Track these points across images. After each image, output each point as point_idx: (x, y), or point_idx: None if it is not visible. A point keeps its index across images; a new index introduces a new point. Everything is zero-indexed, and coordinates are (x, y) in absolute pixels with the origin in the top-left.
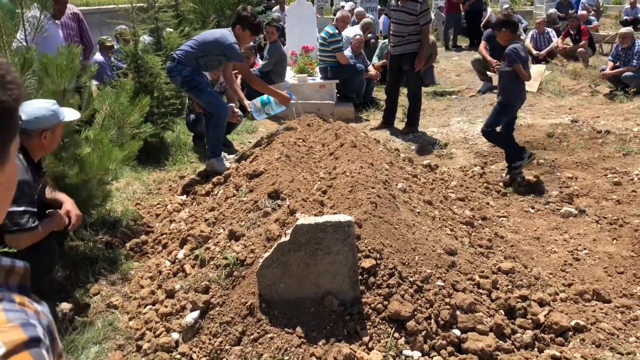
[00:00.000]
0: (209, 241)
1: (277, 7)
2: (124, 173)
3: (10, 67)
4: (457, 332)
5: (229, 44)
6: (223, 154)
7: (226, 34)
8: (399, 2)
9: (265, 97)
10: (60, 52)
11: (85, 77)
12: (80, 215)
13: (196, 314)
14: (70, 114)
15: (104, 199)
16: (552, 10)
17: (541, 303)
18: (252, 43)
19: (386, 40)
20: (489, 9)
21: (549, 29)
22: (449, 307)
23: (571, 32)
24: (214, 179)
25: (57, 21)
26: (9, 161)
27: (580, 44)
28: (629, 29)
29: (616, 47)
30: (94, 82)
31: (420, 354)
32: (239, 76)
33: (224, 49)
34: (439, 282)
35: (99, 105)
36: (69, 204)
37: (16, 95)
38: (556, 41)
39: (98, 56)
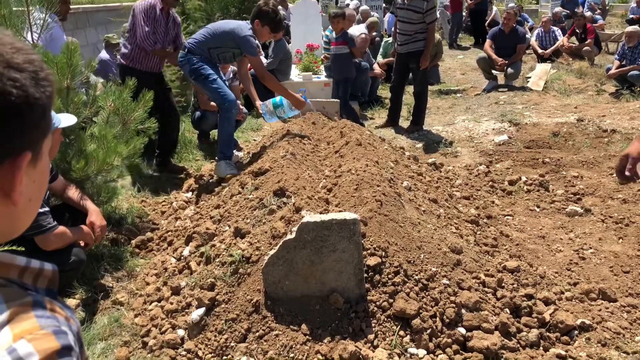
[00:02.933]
0: (215, 238)
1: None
2: (130, 170)
3: (43, 64)
4: (462, 330)
5: (244, 35)
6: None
7: (243, 25)
8: (406, 0)
9: (278, 99)
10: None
11: (87, 72)
12: (105, 226)
13: (202, 310)
14: (67, 120)
15: (110, 197)
16: (558, 9)
17: (547, 302)
18: (258, 42)
19: (389, 38)
20: (494, 8)
21: (555, 28)
22: (454, 305)
23: (577, 30)
24: None
25: (60, 22)
26: (41, 159)
27: (586, 42)
28: (635, 27)
29: (622, 45)
30: (100, 80)
31: (425, 352)
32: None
33: (238, 40)
34: (445, 281)
35: (103, 102)
36: (94, 214)
37: (49, 93)
38: (562, 40)
39: (104, 54)
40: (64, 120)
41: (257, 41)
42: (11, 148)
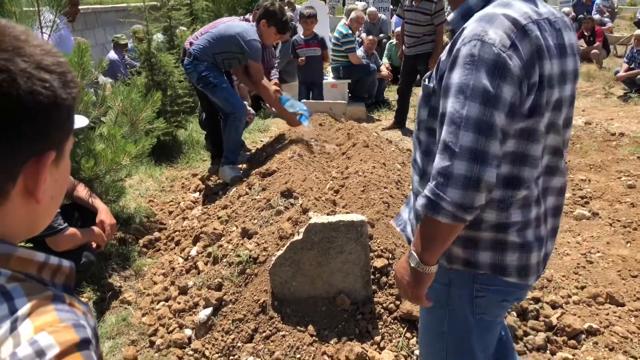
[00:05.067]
0: (222, 239)
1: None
2: (137, 170)
3: (69, 67)
4: None
5: (249, 40)
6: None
7: (248, 29)
8: (414, 3)
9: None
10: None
11: (97, 72)
12: (115, 224)
13: (209, 310)
14: (79, 121)
15: (118, 196)
16: (567, 9)
17: (554, 305)
18: None
19: (392, 40)
20: None
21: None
22: None
23: (585, 33)
24: None
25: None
26: (63, 158)
27: (595, 45)
28: None
29: (631, 49)
30: (109, 80)
31: None
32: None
33: (243, 44)
34: None
35: (112, 102)
36: (103, 212)
37: (75, 94)
38: None
39: (112, 54)
40: (76, 121)
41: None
42: (37, 147)
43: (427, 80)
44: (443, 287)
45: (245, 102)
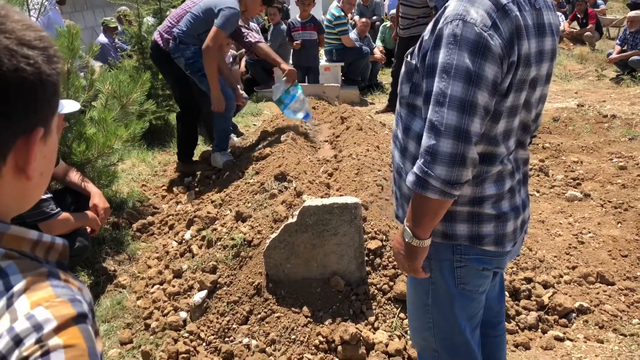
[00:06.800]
0: (216, 222)
1: None
2: (130, 155)
3: (52, 41)
4: None
5: (224, 6)
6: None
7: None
8: None
9: (299, 93)
10: (60, 33)
11: (88, 57)
12: (108, 208)
13: (204, 293)
14: (70, 106)
15: (111, 181)
16: None
17: (545, 285)
18: (256, 26)
19: (386, 23)
20: None
21: (557, 12)
22: None
23: (578, 15)
24: None
25: (58, 7)
26: (51, 135)
27: (587, 27)
28: (638, 12)
29: (624, 30)
30: (98, 64)
31: None
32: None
33: (217, 11)
34: None
35: (101, 85)
36: (97, 196)
37: (59, 69)
38: (563, 25)
39: (102, 37)
40: (67, 106)
41: (254, 24)
42: (26, 124)
43: (409, 56)
44: (424, 261)
45: (238, 86)
